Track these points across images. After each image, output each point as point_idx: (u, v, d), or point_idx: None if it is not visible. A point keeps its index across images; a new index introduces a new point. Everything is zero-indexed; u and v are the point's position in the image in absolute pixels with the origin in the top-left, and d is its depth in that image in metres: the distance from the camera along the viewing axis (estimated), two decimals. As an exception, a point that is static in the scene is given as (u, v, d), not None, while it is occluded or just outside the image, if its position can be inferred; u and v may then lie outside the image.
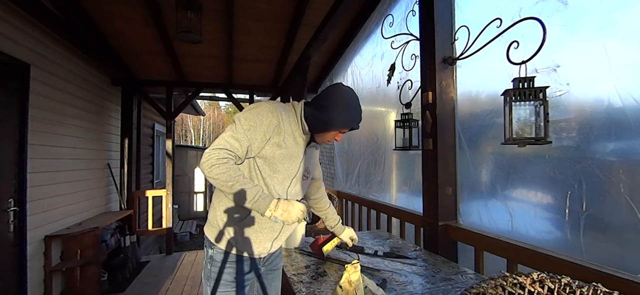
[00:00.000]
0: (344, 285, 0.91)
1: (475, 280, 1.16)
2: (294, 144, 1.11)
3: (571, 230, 1.13)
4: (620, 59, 1.01)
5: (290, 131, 1.09)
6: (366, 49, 2.80)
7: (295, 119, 1.13)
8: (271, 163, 1.07)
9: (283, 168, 1.09)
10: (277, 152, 1.06)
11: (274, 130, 1.05)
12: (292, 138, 1.10)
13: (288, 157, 1.09)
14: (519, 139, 1.11)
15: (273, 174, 1.08)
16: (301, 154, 1.15)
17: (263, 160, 1.07)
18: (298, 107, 1.15)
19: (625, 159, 1.01)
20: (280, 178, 1.09)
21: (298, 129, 1.12)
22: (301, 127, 1.12)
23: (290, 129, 1.09)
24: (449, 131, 1.53)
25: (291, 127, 1.10)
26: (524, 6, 1.24)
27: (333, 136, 1.15)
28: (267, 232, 1.13)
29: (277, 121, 1.05)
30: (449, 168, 1.53)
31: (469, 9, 1.53)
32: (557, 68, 1.15)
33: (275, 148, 1.06)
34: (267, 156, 1.06)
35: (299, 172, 1.15)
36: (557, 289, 0.69)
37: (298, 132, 1.12)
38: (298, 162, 1.14)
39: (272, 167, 1.07)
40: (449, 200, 1.53)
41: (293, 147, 1.10)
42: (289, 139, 1.08)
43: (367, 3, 2.58)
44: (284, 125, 1.07)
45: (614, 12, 1.03)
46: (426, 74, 1.56)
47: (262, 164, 1.07)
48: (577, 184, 1.11)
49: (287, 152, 1.08)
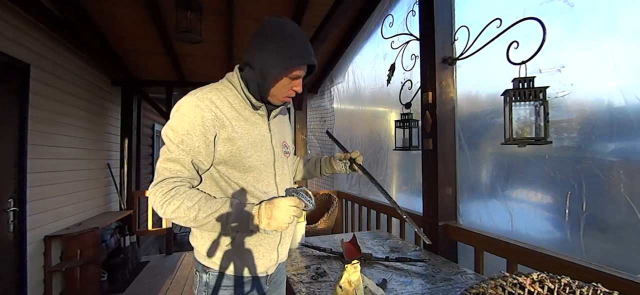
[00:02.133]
0: (344, 285, 0.91)
1: (475, 280, 1.16)
2: (250, 125, 0.89)
3: (571, 230, 1.13)
4: (625, 58, 1.01)
5: (235, 114, 0.87)
6: (367, 49, 2.80)
7: (237, 94, 0.90)
8: (235, 163, 0.86)
9: (253, 161, 0.88)
10: (234, 148, 0.85)
11: (213, 125, 0.83)
12: (244, 120, 0.89)
13: (252, 145, 0.88)
14: (519, 139, 1.11)
15: (245, 174, 0.88)
16: (266, 131, 0.94)
17: (224, 165, 0.87)
18: (234, 77, 0.92)
19: (625, 158, 1.01)
20: (256, 174, 0.89)
21: (245, 105, 0.91)
22: (248, 100, 0.90)
23: (235, 112, 0.88)
24: (449, 131, 1.53)
25: (235, 108, 0.88)
26: (528, 7, 1.24)
27: (287, 89, 0.90)
28: (268, 241, 0.94)
29: (211, 114, 0.83)
30: (449, 168, 1.53)
31: (470, 9, 1.53)
32: (562, 68, 1.15)
33: (228, 145, 0.85)
34: (226, 159, 0.85)
35: (276, 153, 0.95)
36: (557, 289, 0.69)
37: (247, 108, 0.91)
38: (268, 143, 0.93)
39: (240, 168, 0.87)
40: (449, 200, 1.53)
41: (250, 130, 0.89)
42: (239, 123, 0.87)
43: (367, 3, 2.58)
44: (224, 112, 0.85)
45: (620, 13, 1.03)
46: (426, 74, 1.56)
47: (227, 170, 0.87)
48: (577, 184, 1.11)
49: (247, 140, 0.87)
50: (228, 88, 0.90)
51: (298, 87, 0.91)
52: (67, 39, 2.67)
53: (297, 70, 0.88)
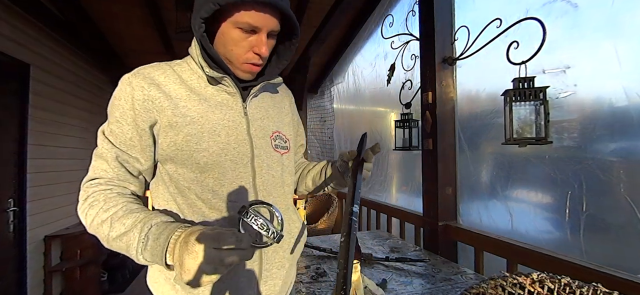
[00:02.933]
0: (344, 286, 0.91)
1: (475, 280, 1.16)
2: (208, 107, 0.67)
3: (571, 230, 1.13)
4: (629, 58, 1.00)
5: (185, 93, 0.66)
6: (367, 49, 2.80)
7: (192, 65, 0.71)
8: (185, 160, 0.65)
9: (211, 155, 0.65)
10: (179, 138, 0.64)
11: (146, 109, 0.63)
12: (199, 100, 0.67)
13: (210, 132, 0.66)
14: (519, 139, 1.11)
15: (202, 176, 0.66)
16: (239, 115, 0.71)
17: (172, 163, 0.66)
18: (193, 45, 0.72)
19: (626, 158, 1.01)
20: (218, 175, 0.66)
21: (202, 80, 0.70)
22: (207, 73, 0.68)
23: (186, 89, 0.67)
24: (449, 131, 1.53)
25: (187, 84, 0.68)
26: (531, 7, 1.24)
27: (243, 49, 0.66)
28: (244, 275, 0.69)
29: (142, 94, 0.63)
30: (449, 168, 1.52)
31: (470, 9, 1.53)
32: (567, 69, 1.15)
33: (171, 134, 0.64)
34: (171, 154, 0.65)
35: (257, 146, 0.71)
36: (557, 289, 0.69)
37: (203, 85, 0.69)
38: (242, 131, 0.70)
39: (192, 166, 0.65)
40: (449, 201, 1.52)
41: (208, 113, 0.67)
42: (189, 104, 0.66)
43: (367, 3, 2.58)
44: (168, 90, 0.65)
45: (624, 13, 1.03)
46: (426, 74, 1.56)
47: (177, 171, 0.66)
48: (578, 184, 1.11)
49: (200, 126, 0.65)
50: (186, 62, 0.72)
51: (260, 46, 0.65)
52: (67, 39, 2.67)
53: (243, 11, 0.61)
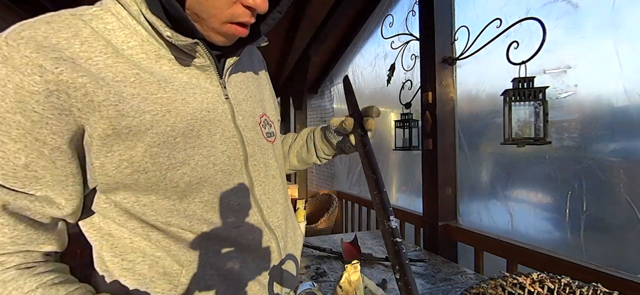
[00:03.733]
0: (344, 286, 0.91)
1: (475, 280, 1.16)
2: (171, 90, 0.45)
3: (571, 230, 1.13)
4: (631, 58, 1.00)
5: (126, 68, 0.43)
6: (367, 49, 2.80)
7: (126, 19, 0.45)
8: (153, 185, 0.44)
9: (194, 170, 0.46)
10: (139, 152, 0.42)
11: (61, 108, 0.38)
12: (151, 79, 0.44)
13: (187, 135, 0.46)
14: (518, 139, 1.11)
15: (184, 202, 0.47)
16: (218, 98, 0.51)
17: (129, 193, 0.44)
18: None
19: (626, 158, 1.01)
20: (209, 195, 0.48)
21: (149, 46, 0.46)
22: (167, 37, 0.44)
23: (123, 61, 0.43)
24: (448, 131, 1.53)
25: (119, 51, 0.43)
26: (531, 7, 1.24)
27: (227, 2, 0.44)
28: None
29: (42, 79, 0.36)
30: (449, 168, 1.52)
31: (470, 9, 1.53)
32: (568, 69, 1.15)
33: (122, 147, 0.42)
34: (127, 181, 0.43)
35: (247, 140, 0.53)
36: (557, 289, 0.69)
37: (151, 54, 0.46)
38: (227, 123, 0.51)
39: (168, 193, 0.45)
40: (449, 200, 1.53)
41: (175, 101, 0.45)
42: (142, 87, 0.43)
43: (367, 3, 2.58)
44: (96, 64, 0.40)
45: (625, 13, 1.03)
46: (426, 74, 1.56)
47: (139, 201, 0.45)
48: (578, 184, 1.11)
49: (173, 126, 0.44)
50: (109, 10, 0.44)
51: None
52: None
53: None
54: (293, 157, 0.80)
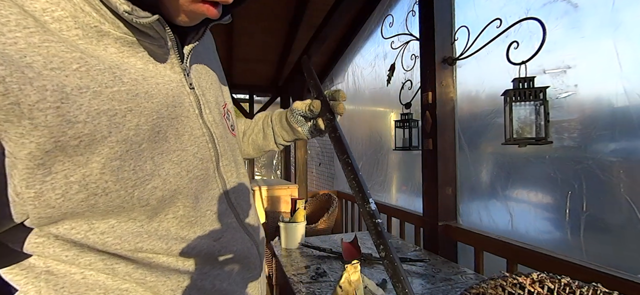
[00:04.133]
0: (344, 286, 0.91)
1: (475, 280, 1.16)
2: (129, 80, 0.35)
3: (571, 230, 1.13)
4: (631, 59, 1.00)
5: (69, 43, 0.31)
6: (367, 49, 2.80)
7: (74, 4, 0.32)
8: (119, 206, 0.34)
9: (173, 183, 0.39)
10: (96, 167, 0.32)
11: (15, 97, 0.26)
12: (109, 71, 0.33)
13: (153, 139, 0.37)
14: (519, 139, 1.11)
15: (153, 222, 0.38)
16: (180, 90, 0.42)
17: (76, 220, 0.33)
18: None
19: (626, 158, 1.01)
20: (183, 210, 0.41)
21: (89, 18, 0.33)
22: (125, 11, 0.32)
23: (57, 41, 0.30)
24: (448, 131, 1.53)
25: (48, 29, 0.30)
26: (531, 7, 1.24)
27: None
28: None
29: None
30: (449, 168, 1.52)
31: (470, 9, 1.53)
32: (568, 69, 1.15)
33: (67, 164, 0.30)
34: (78, 208, 0.32)
35: (217, 136, 0.47)
36: (557, 289, 0.69)
37: (92, 32, 0.33)
38: (195, 116, 0.44)
39: (137, 213, 0.36)
40: (449, 200, 1.53)
41: (136, 96, 0.35)
42: (91, 77, 0.31)
43: (367, 3, 2.58)
44: (32, 40, 0.28)
45: (626, 13, 1.03)
46: (426, 74, 1.56)
47: (94, 229, 0.34)
48: (578, 184, 1.11)
49: (137, 129, 0.35)
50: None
51: None
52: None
53: None
54: (247, 145, 0.74)
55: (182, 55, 0.43)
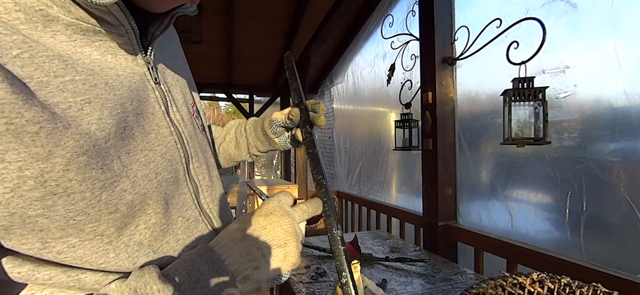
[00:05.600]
0: (344, 286, 0.91)
1: (475, 280, 1.16)
2: (88, 75, 0.31)
3: (571, 230, 1.13)
4: (630, 59, 1.01)
5: (9, 27, 0.26)
6: (367, 49, 2.80)
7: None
8: (80, 212, 0.28)
9: (143, 186, 0.34)
10: (60, 158, 0.26)
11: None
12: (59, 59, 0.29)
13: (120, 136, 0.33)
14: (518, 139, 1.11)
15: (123, 233, 0.33)
16: (144, 85, 0.38)
17: (27, 235, 0.26)
18: None
19: (625, 159, 1.01)
20: (155, 216, 0.36)
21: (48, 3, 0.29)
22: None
23: (7, 24, 0.26)
24: (448, 131, 1.53)
25: (4, 5, 0.27)
26: (531, 7, 1.24)
27: None
28: None
29: None
30: (449, 168, 1.53)
31: (470, 9, 1.53)
32: (567, 69, 1.15)
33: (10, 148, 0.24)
34: (29, 210, 0.25)
35: (185, 136, 0.44)
36: (557, 289, 0.69)
37: (37, 16, 0.28)
38: (160, 114, 0.40)
39: (105, 224, 0.31)
40: (449, 201, 1.53)
41: (94, 79, 0.31)
42: (44, 59, 0.28)
43: (367, 3, 2.58)
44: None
45: (625, 13, 1.03)
46: (426, 74, 1.56)
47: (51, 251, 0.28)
48: (578, 184, 1.11)
49: (103, 128, 0.31)
50: None
51: None
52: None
53: None
54: (223, 157, 0.70)
55: (145, 47, 0.39)
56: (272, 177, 6.65)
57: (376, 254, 1.44)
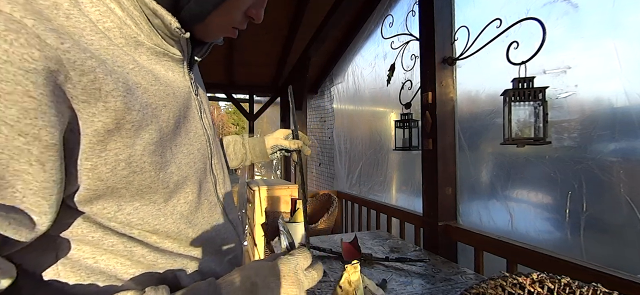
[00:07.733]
0: (344, 286, 0.91)
1: (475, 280, 1.16)
2: (160, 85, 0.43)
3: (571, 230, 1.13)
4: (631, 59, 1.00)
5: (121, 48, 0.39)
6: (367, 49, 2.80)
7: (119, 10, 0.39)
8: (147, 187, 0.40)
9: (184, 170, 0.45)
10: (138, 150, 0.38)
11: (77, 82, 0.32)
12: (139, 69, 0.40)
13: (172, 132, 0.44)
14: (518, 139, 1.11)
15: (169, 204, 0.44)
16: (188, 95, 0.49)
17: (109, 200, 0.37)
18: None
19: (626, 159, 1.01)
20: (190, 195, 0.46)
21: (129, 30, 0.40)
22: (170, 24, 0.40)
23: (119, 46, 0.39)
24: (448, 131, 1.53)
25: (100, 29, 0.37)
26: (531, 7, 1.24)
27: (239, 13, 0.47)
28: None
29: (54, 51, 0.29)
30: (449, 168, 1.52)
31: (470, 9, 1.53)
32: (568, 69, 1.15)
33: (119, 143, 0.36)
34: (118, 184, 0.37)
35: (211, 137, 0.54)
36: (557, 289, 0.69)
37: (131, 40, 0.40)
38: (197, 118, 0.51)
39: (158, 195, 0.42)
40: (449, 201, 1.53)
41: (167, 95, 0.44)
42: (140, 76, 0.40)
43: (367, 3, 2.58)
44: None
45: (626, 13, 1.03)
46: (426, 74, 1.56)
47: (122, 209, 0.39)
48: (578, 184, 1.11)
49: (167, 122, 0.43)
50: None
51: (259, 9, 0.49)
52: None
53: None
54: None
55: (191, 62, 0.52)
56: (272, 177, 6.65)
57: (376, 254, 1.44)
